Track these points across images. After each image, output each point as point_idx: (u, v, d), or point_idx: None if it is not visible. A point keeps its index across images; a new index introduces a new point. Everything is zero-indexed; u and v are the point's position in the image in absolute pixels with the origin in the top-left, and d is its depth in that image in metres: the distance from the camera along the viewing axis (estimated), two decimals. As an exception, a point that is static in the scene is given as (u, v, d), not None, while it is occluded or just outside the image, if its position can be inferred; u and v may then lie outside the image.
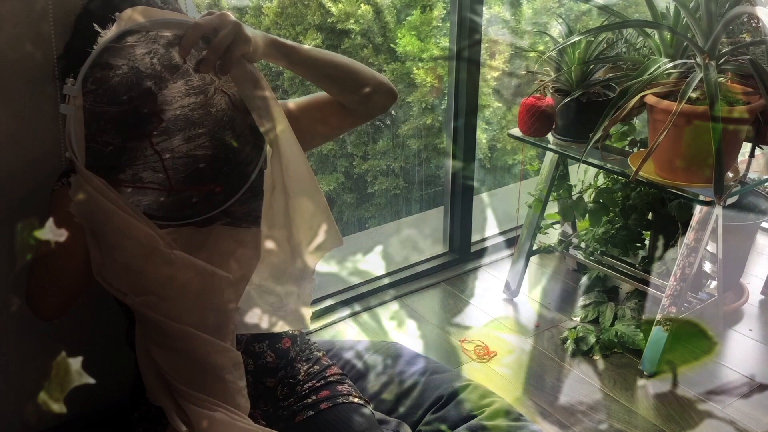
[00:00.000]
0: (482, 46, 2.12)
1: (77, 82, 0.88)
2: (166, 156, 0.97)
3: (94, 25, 0.92)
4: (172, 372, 1.05)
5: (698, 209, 1.73)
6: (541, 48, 2.62)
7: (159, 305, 0.99)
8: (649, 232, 2.06)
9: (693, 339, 1.96)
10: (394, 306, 2.14)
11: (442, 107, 4.00)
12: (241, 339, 1.20)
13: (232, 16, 0.96)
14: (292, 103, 1.18)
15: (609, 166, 1.78)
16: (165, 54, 0.94)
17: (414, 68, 4.02)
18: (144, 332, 1.05)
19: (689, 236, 1.74)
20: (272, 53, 1.02)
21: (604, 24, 1.88)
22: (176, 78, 0.96)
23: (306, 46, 1.08)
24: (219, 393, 1.05)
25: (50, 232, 0.99)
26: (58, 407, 1.33)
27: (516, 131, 1.95)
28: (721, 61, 1.56)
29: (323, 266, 2.23)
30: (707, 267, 1.98)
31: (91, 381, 1.33)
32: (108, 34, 0.90)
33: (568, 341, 1.93)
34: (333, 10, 3.99)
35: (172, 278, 0.98)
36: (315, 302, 2.03)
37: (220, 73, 0.96)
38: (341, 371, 1.33)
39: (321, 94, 1.16)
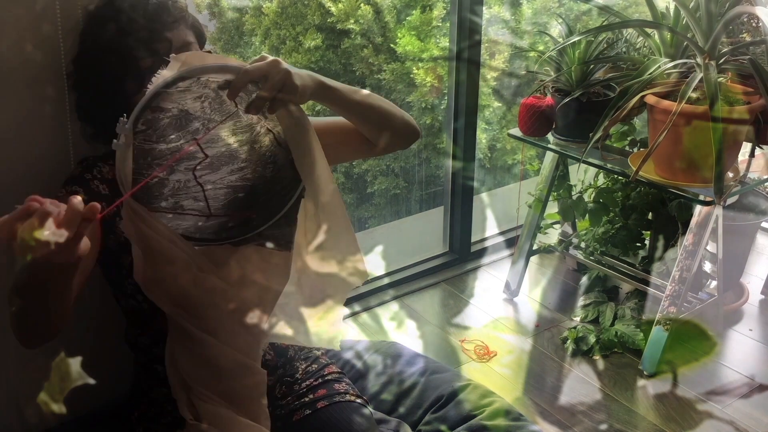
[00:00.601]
0: (482, 46, 2.12)
1: (129, 122, 0.93)
2: (207, 187, 1.02)
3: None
4: (194, 376, 1.07)
5: (698, 209, 1.73)
6: (541, 48, 2.62)
7: (192, 319, 1.03)
8: (649, 232, 2.06)
9: (693, 339, 1.96)
10: (394, 306, 2.14)
11: (442, 107, 4.00)
12: None
13: (284, 64, 0.99)
14: (319, 121, 1.22)
15: (609, 166, 1.78)
16: (215, 98, 0.99)
17: (414, 68, 4.03)
18: (175, 335, 1.07)
19: (689, 236, 1.74)
20: (317, 96, 1.07)
21: (604, 24, 1.88)
22: (224, 119, 1.01)
23: (346, 87, 1.12)
24: (240, 406, 1.08)
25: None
26: (58, 407, 1.33)
27: (516, 131, 1.95)
28: (721, 61, 1.56)
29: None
30: (707, 267, 1.98)
31: (91, 381, 1.33)
32: (161, 77, 0.95)
33: (568, 341, 1.93)
34: (333, 10, 3.99)
35: (206, 301, 1.02)
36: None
37: (267, 113, 1.01)
38: (339, 370, 1.33)
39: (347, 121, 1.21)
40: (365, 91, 1.18)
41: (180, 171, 1.00)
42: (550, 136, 1.92)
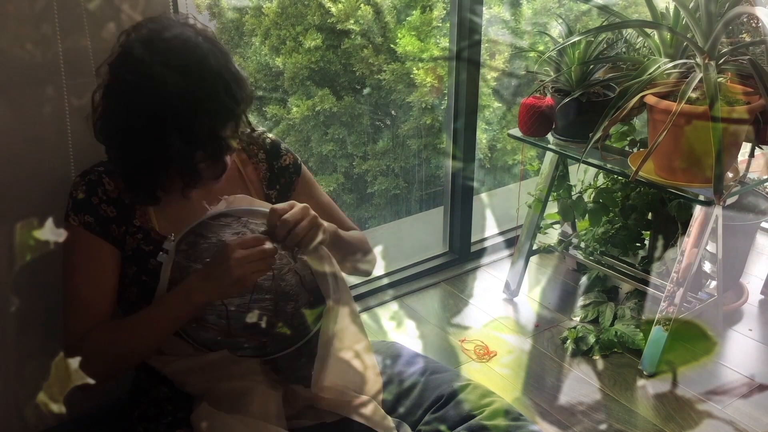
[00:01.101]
0: (482, 46, 2.12)
1: (175, 242, 1.10)
2: (231, 308, 1.11)
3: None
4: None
5: (698, 209, 1.73)
6: (541, 48, 2.62)
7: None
8: (648, 232, 2.06)
9: (693, 339, 1.96)
10: (394, 306, 2.14)
11: (442, 107, 4.00)
12: None
13: (311, 211, 1.10)
14: (320, 196, 1.35)
15: (609, 166, 1.78)
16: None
17: (414, 68, 4.02)
18: None
19: (688, 236, 1.74)
20: (329, 242, 1.17)
21: (604, 24, 1.88)
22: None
23: (349, 238, 1.28)
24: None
25: (79, 279, 1.12)
26: (57, 407, 1.33)
27: (516, 131, 1.95)
28: (721, 61, 1.56)
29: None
30: (707, 267, 1.98)
31: (91, 381, 1.33)
32: (211, 209, 1.11)
33: (568, 341, 1.93)
34: (333, 10, 3.99)
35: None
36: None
37: (296, 254, 1.13)
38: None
39: (335, 218, 1.33)
40: (357, 237, 1.33)
41: None
42: (550, 137, 1.92)
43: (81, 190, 1.12)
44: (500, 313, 2.12)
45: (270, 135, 1.29)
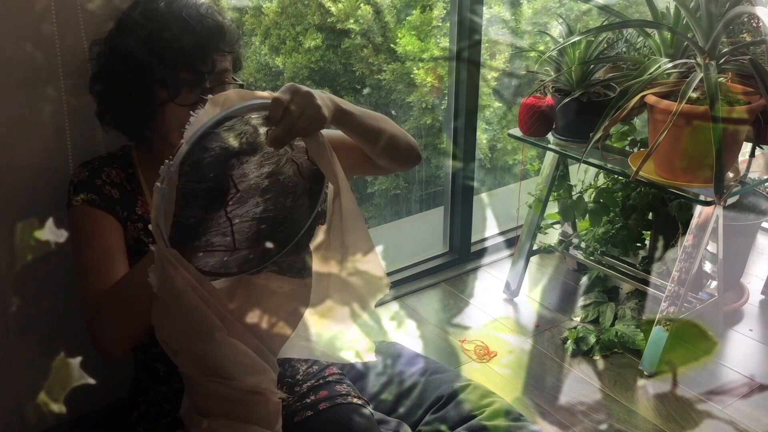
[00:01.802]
0: (482, 46, 2.12)
1: (174, 165, 0.91)
2: (235, 221, 1.03)
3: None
4: (206, 406, 1.07)
5: (698, 209, 1.73)
6: (541, 48, 2.62)
7: (208, 371, 1.03)
8: (649, 232, 2.06)
9: (693, 339, 1.96)
10: (394, 306, 2.14)
11: (442, 107, 4.00)
12: None
13: (314, 95, 0.99)
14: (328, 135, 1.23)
15: (609, 166, 1.78)
16: (252, 133, 1.00)
17: (414, 68, 4.02)
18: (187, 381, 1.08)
19: (689, 236, 1.74)
20: (335, 120, 1.08)
21: (604, 24, 1.88)
22: (257, 152, 1.02)
23: (361, 112, 1.13)
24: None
25: (90, 252, 1.08)
26: (58, 407, 1.33)
27: (516, 131, 1.95)
28: (721, 61, 1.56)
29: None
30: (707, 267, 1.98)
31: (91, 381, 1.33)
32: (201, 115, 0.93)
33: (568, 341, 1.93)
34: (333, 10, 3.99)
35: (224, 360, 1.02)
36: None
37: (295, 142, 1.03)
38: (340, 371, 1.33)
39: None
40: (377, 115, 1.18)
41: (216, 209, 1.02)
42: (550, 136, 1.92)
43: (83, 175, 1.13)
44: (500, 313, 2.12)
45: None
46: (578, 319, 2.06)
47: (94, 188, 1.11)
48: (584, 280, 2.19)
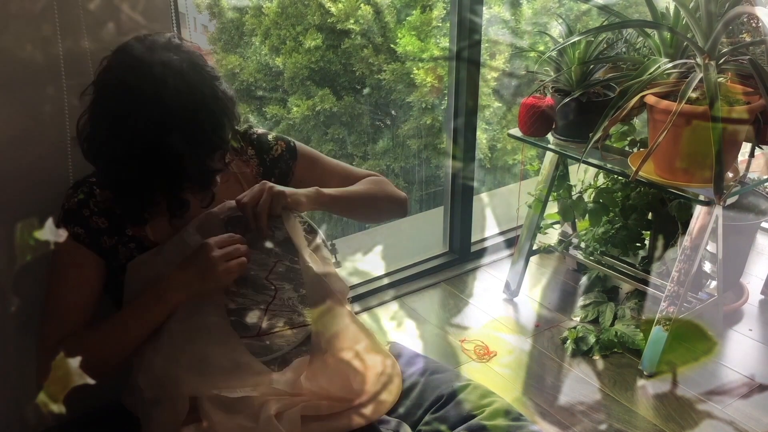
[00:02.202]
0: (482, 46, 2.12)
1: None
2: (231, 307, 1.16)
3: None
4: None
5: (698, 209, 1.73)
6: (541, 48, 2.62)
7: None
8: (649, 232, 2.06)
9: (693, 339, 1.96)
10: (394, 306, 2.14)
11: (442, 107, 4.00)
12: None
13: (268, 184, 1.14)
14: (326, 163, 1.35)
15: (609, 166, 1.78)
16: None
17: (414, 68, 4.02)
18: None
19: (689, 236, 1.74)
20: (318, 206, 1.20)
21: (604, 24, 1.88)
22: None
23: (343, 194, 1.25)
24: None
25: (64, 284, 1.13)
26: (57, 407, 1.33)
27: (516, 131, 1.95)
28: (721, 61, 1.56)
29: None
30: (707, 267, 1.98)
31: (91, 381, 1.32)
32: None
33: (568, 341, 1.93)
34: (333, 10, 3.99)
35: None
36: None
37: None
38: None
39: (345, 177, 1.34)
40: (362, 190, 1.29)
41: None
42: (550, 136, 1.92)
43: (72, 202, 1.12)
44: (500, 313, 2.12)
45: (257, 129, 1.28)
46: (578, 319, 2.07)
47: (81, 221, 1.11)
48: (584, 280, 2.19)
